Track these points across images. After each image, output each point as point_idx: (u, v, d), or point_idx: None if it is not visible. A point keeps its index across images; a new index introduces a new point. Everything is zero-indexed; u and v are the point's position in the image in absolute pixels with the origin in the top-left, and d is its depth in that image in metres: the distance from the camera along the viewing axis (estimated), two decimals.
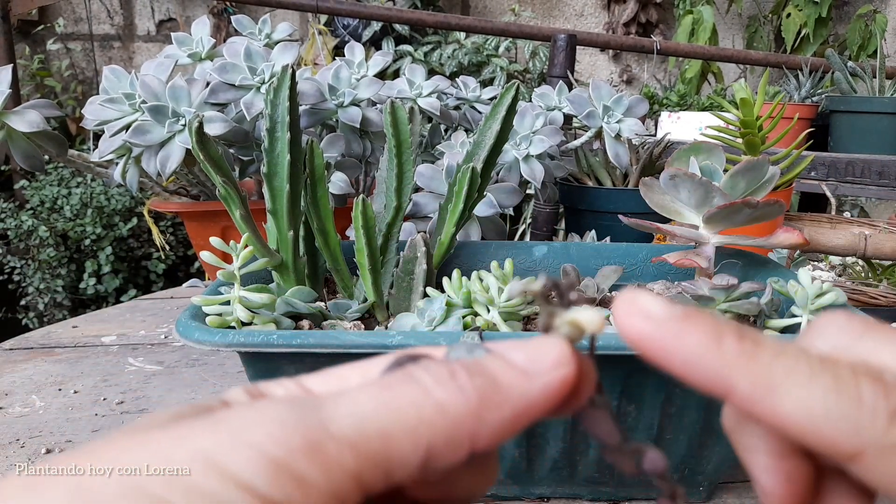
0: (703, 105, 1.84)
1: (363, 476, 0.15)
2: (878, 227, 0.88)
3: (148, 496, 0.14)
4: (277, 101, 0.54)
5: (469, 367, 0.17)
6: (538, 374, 0.17)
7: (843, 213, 1.97)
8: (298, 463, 0.15)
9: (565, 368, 0.17)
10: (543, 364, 0.17)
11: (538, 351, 0.17)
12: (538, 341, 0.17)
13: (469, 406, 0.16)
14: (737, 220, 0.54)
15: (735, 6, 2.84)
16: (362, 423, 0.16)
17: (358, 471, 0.15)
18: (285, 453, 0.15)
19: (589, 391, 0.18)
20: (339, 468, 0.15)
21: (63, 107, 2.69)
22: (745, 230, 0.57)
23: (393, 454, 0.16)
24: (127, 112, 0.73)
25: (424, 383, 0.16)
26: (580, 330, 0.17)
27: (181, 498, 0.14)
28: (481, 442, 0.16)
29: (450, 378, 0.16)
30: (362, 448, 0.15)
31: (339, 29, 2.68)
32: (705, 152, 0.57)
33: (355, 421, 0.16)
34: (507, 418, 0.16)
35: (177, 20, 2.90)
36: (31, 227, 1.99)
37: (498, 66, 2.65)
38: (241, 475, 0.14)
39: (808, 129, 0.95)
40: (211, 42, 0.82)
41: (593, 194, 0.91)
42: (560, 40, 1.43)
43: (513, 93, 0.60)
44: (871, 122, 1.41)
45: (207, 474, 0.15)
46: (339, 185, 0.78)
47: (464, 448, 0.16)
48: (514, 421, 0.16)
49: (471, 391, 0.16)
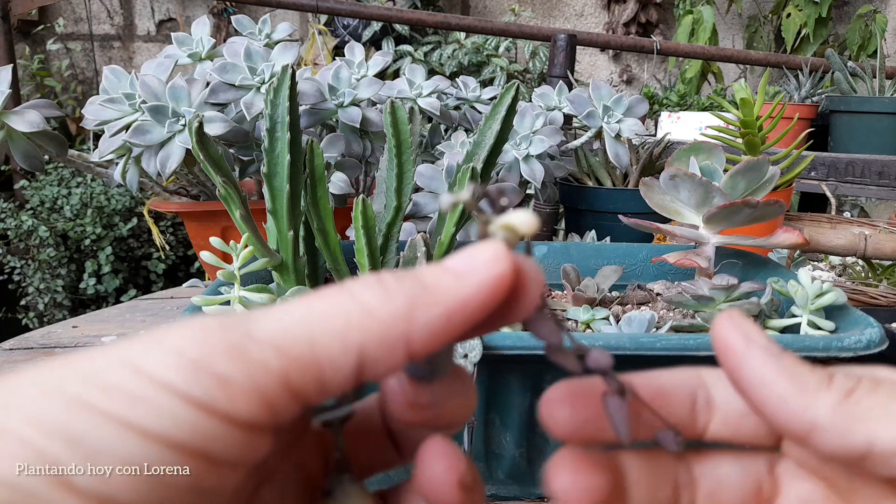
0: (703, 105, 1.84)
1: (291, 378, 0.15)
2: (878, 227, 0.88)
3: (64, 395, 0.14)
4: (277, 101, 0.54)
5: (399, 274, 0.17)
6: (471, 273, 0.16)
7: (843, 213, 1.97)
8: (219, 363, 0.15)
9: (500, 266, 0.16)
10: (476, 263, 0.16)
11: (472, 253, 0.17)
12: (473, 246, 0.17)
13: (397, 307, 0.16)
14: (737, 220, 0.54)
15: (735, 6, 2.84)
16: (287, 328, 0.16)
17: (284, 372, 0.15)
18: (205, 354, 0.15)
19: (534, 297, 0.17)
20: (263, 369, 0.15)
21: (63, 107, 2.69)
22: (745, 230, 0.57)
23: (321, 357, 0.15)
24: (127, 112, 0.73)
25: (352, 290, 0.16)
26: (515, 232, 0.17)
27: (99, 395, 0.14)
28: (416, 343, 0.16)
29: (377, 284, 0.16)
30: (287, 349, 0.15)
31: (339, 29, 2.68)
32: (705, 152, 0.57)
33: (280, 325, 0.16)
34: (439, 317, 0.16)
35: (177, 20, 2.90)
36: (31, 227, 1.99)
37: (498, 66, 2.65)
38: (158, 373, 0.14)
39: (808, 130, 0.95)
40: (211, 42, 0.82)
41: (593, 194, 0.91)
42: (560, 40, 1.43)
43: (513, 93, 0.60)
44: (871, 122, 1.41)
45: (124, 373, 0.15)
46: (339, 185, 0.78)
47: (398, 350, 0.16)
48: (448, 320, 0.16)
49: (398, 293, 0.16)
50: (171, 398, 0.14)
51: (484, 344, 0.41)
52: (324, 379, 0.16)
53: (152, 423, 0.14)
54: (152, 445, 0.14)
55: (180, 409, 0.14)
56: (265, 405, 0.15)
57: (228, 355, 0.15)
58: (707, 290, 0.50)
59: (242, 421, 0.15)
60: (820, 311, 0.49)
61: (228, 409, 0.15)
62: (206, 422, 0.14)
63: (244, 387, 0.15)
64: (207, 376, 0.15)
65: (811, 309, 0.48)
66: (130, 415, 0.14)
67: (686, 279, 0.61)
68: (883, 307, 0.78)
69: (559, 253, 0.65)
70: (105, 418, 0.14)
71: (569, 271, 0.60)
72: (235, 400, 0.15)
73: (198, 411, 0.14)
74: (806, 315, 0.49)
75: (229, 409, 0.15)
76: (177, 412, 0.14)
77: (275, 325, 0.16)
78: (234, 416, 0.15)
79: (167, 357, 0.15)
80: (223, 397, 0.15)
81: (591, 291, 0.58)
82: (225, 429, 0.15)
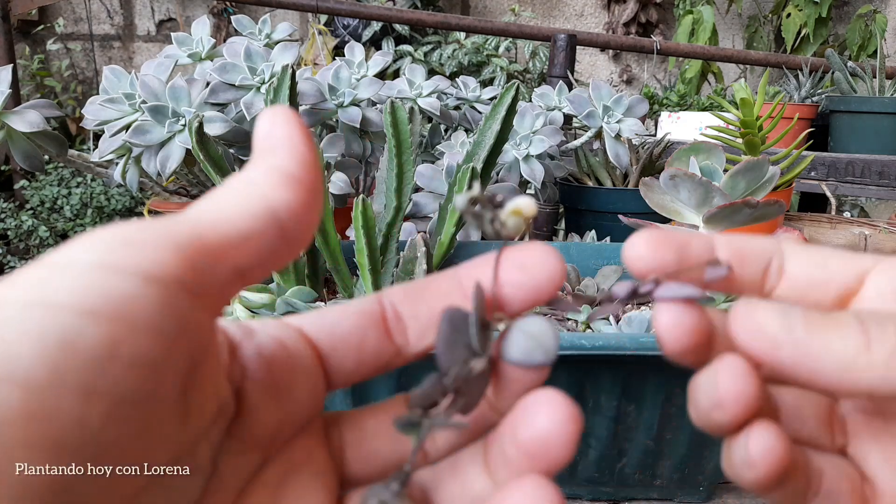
0: (703, 105, 1.84)
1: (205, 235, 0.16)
2: (878, 228, 0.88)
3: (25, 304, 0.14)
4: (277, 100, 0.54)
5: None
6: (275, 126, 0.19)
7: (843, 213, 1.97)
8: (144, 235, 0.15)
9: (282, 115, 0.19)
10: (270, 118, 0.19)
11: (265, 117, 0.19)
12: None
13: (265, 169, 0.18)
14: (737, 220, 0.54)
15: (735, 6, 2.84)
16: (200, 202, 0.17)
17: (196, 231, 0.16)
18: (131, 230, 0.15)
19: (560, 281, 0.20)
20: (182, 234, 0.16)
21: (63, 107, 2.69)
22: (745, 230, 0.57)
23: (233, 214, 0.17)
24: (127, 112, 0.73)
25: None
26: (522, 215, 0.19)
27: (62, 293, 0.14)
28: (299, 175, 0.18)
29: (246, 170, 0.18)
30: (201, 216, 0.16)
31: (339, 29, 2.68)
32: (705, 152, 0.57)
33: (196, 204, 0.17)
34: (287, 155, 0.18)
35: (177, 20, 2.91)
36: (31, 228, 1.99)
37: (498, 66, 2.66)
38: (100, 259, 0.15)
39: (808, 129, 0.95)
40: (211, 42, 0.82)
41: (593, 194, 0.91)
42: (560, 40, 1.43)
43: (513, 93, 0.60)
44: (872, 122, 1.41)
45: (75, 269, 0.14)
46: (339, 185, 0.78)
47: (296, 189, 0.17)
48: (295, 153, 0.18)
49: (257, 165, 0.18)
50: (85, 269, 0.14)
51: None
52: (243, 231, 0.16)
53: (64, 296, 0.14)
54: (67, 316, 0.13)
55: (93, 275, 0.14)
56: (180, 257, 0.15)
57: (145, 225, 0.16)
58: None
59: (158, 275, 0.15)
60: None
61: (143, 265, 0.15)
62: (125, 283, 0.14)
63: (157, 243, 0.15)
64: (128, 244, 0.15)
65: None
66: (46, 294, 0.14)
67: None
68: None
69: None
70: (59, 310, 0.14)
71: (569, 271, 0.60)
72: (149, 258, 0.15)
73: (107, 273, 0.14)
74: None
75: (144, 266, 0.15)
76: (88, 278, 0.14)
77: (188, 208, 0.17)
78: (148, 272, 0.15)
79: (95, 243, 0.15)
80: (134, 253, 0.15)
81: (592, 291, 0.58)
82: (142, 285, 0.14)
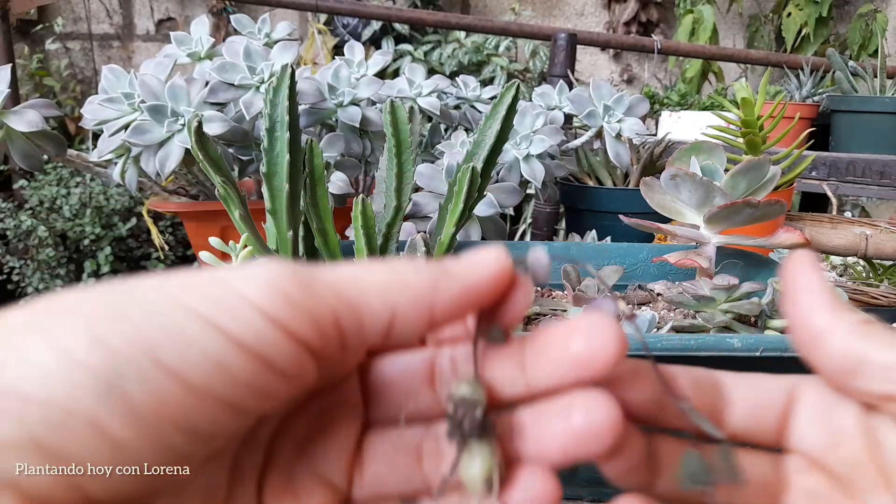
0: (704, 105, 1.84)
1: (339, 315, 0.19)
2: (879, 227, 0.88)
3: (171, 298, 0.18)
4: (277, 100, 0.53)
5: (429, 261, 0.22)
6: (480, 263, 0.21)
7: (844, 212, 1.97)
8: (289, 288, 0.19)
9: (501, 262, 0.21)
10: (484, 258, 0.21)
11: (480, 252, 0.21)
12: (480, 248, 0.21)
13: (426, 279, 0.20)
14: (738, 220, 0.54)
15: (736, 5, 2.84)
16: (343, 279, 0.20)
17: (335, 308, 0.19)
18: (280, 280, 0.19)
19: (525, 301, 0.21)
20: (321, 299, 0.19)
21: (62, 106, 2.69)
22: (745, 230, 0.56)
23: (363, 305, 0.19)
24: (126, 112, 0.72)
25: (392, 264, 0.21)
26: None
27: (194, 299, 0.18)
28: (439, 310, 0.20)
29: (412, 262, 0.21)
30: (341, 292, 0.19)
31: (339, 28, 2.68)
32: (706, 152, 0.56)
33: (338, 276, 0.20)
34: (456, 291, 0.20)
35: (176, 19, 2.90)
36: (29, 227, 1.99)
37: (498, 65, 2.65)
38: (241, 288, 0.18)
39: (809, 129, 0.95)
40: (210, 41, 0.82)
41: (594, 194, 0.91)
42: (560, 39, 1.42)
43: (513, 92, 0.59)
44: (873, 121, 1.41)
45: (218, 285, 0.18)
46: (339, 184, 0.77)
47: (424, 313, 0.20)
48: (462, 295, 0.20)
49: (427, 270, 0.20)
50: (248, 308, 0.18)
51: None
52: (363, 323, 0.19)
53: (229, 324, 0.18)
54: (226, 343, 0.18)
55: (253, 316, 0.18)
56: (317, 328, 0.19)
57: (298, 285, 0.19)
58: (708, 290, 0.50)
59: (297, 336, 0.18)
60: None
61: (289, 323, 0.18)
62: (270, 330, 0.18)
63: (305, 307, 0.19)
64: (279, 295, 0.18)
65: None
66: (216, 316, 0.18)
67: (687, 279, 0.60)
68: (884, 307, 0.78)
69: (559, 253, 0.65)
70: (197, 317, 0.18)
71: (569, 271, 0.60)
72: (296, 317, 0.18)
73: (266, 321, 0.18)
74: None
75: (290, 323, 0.18)
76: (249, 318, 0.18)
77: (334, 276, 0.20)
78: (292, 330, 0.18)
79: (249, 278, 0.19)
80: (288, 313, 0.18)
81: (592, 291, 0.58)
82: (283, 339, 0.18)
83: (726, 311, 0.50)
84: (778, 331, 0.51)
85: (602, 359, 0.20)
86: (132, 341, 0.17)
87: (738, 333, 0.47)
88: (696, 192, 0.53)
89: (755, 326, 0.51)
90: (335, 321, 0.19)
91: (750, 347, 0.41)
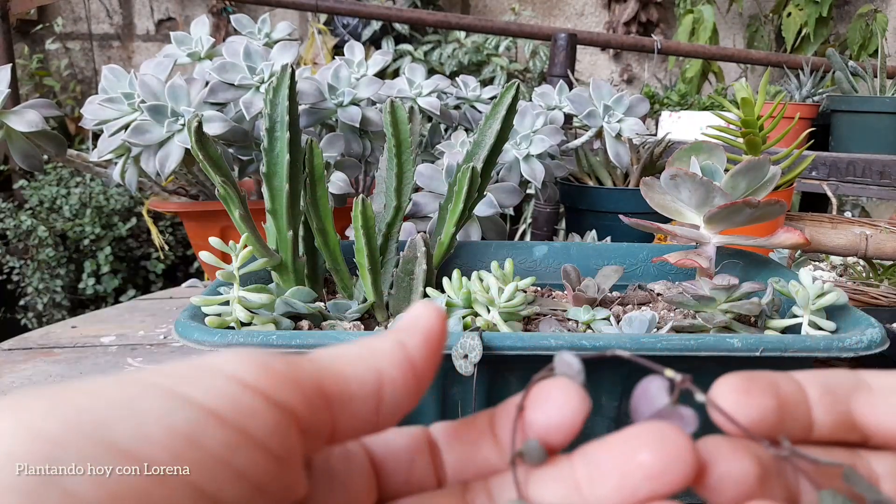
0: (704, 105, 1.84)
1: (324, 381, 0.18)
2: (879, 227, 0.88)
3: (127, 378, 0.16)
4: (277, 100, 0.53)
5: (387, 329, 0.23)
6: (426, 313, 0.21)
7: (844, 212, 1.97)
8: (269, 359, 0.18)
9: (435, 308, 0.21)
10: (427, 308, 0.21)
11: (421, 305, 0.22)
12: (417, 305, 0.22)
13: (394, 340, 0.20)
14: (738, 220, 0.54)
15: (736, 5, 2.84)
16: (323, 353, 0.20)
17: (318, 375, 0.18)
18: (257, 354, 0.18)
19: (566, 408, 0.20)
20: (303, 368, 0.18)
21: (62, 106, 2.69)
22: (745, 230, 0.56)
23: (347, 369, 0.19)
24: (126, 112, 0.72)
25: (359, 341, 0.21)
26: None
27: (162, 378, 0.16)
28: (417, 361, 0.20)
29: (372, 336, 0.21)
30: (321, 363, 0.19)
31: (339, 28, 2.68)
32: (706, 152, 0.56)
33: (318, 353, 0.20)
34: (421, 339, 0.20)
35: (176, 19, 2.90)
36: (29, 227, 1.99)
37: (498, 65, 2.65)
38: (215, 362, 0.17)
39: (809, 129, 0.95)
40: (210, 41, 0.82)
41: (594, 194, 0.91)
42: (560, 39, 1.42)
43: (513, 92, 0.59)
44: (873, 121, 1.41)
45: (187, 365, 0.17)
46: (339, 184, 0.77)
47: (406, 366, 0.20)
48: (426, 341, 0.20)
49: (390, 334, 0.21)
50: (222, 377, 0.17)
51: (484, 344, 0.41)
52: (351, 391, 0.19)
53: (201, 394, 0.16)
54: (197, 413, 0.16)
55: (227, 384, 0.17)
56: (300, 394, 0.18)
57: (277, 358, 0.18)
58: (708, 290, 0.50)
59: (280, 402, 0.17)
60: (821, 312, 0.49)
61: (270, 389, 0.17)
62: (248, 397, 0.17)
63: (286, 375, 0.18)
64: (257, 364, 0.17)
65: (812, 309, 0.48)
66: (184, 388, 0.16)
67: (687, 279, 0.60)
68: (884, 307, 0.78)
69: (559, 253, 0.65)
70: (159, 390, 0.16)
71: (569, 271, 0.60)
72: (277, 383, 0.17)
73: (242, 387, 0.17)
74: (807, 315, 0.49)
75: (271, 390, 0.17)
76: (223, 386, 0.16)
77: (315, 353, 0.20)
78: (273, 396, 0.17)
79: (223, 356, 0.18)
80: (268, 380, 0.17)
81: (592, 291, 0.58)
82: (263, 406, 0.17)
83: (726, 311, 0.50)
84: (778, 331, 0.51)
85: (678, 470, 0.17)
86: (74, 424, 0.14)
87: (738, 333, 0.47)
88: (696, 192, 0.53)
89: (755, 326, 0.51)
90: (319, 387, 0.18)
91: (750, 347, 0.41)
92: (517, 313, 0.51)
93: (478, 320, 0.50)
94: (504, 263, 0.53)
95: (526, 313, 0.52)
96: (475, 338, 0.41)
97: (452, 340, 0.41)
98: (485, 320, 0.50)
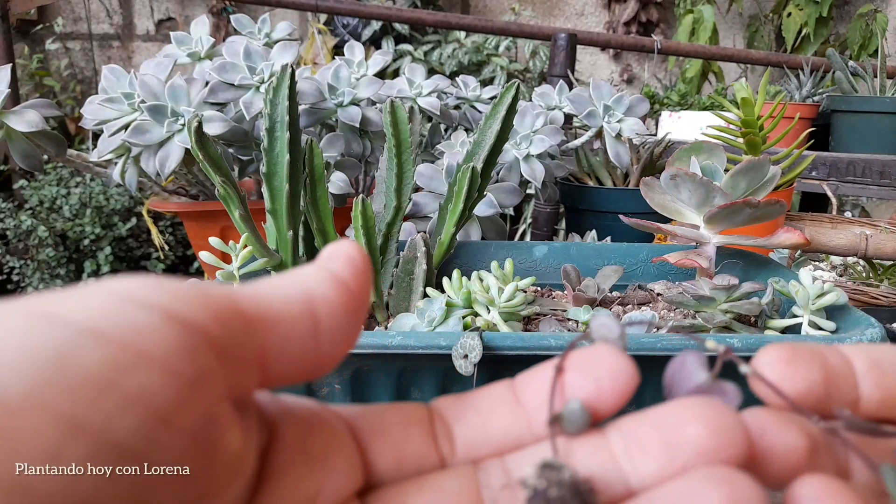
0: (704, 105, 1.84)
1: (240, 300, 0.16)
2: (879, 227, 0.88)
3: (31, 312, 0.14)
4: (277, 100, 0.53)
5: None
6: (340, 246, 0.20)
7: (844, 212, 1.97)
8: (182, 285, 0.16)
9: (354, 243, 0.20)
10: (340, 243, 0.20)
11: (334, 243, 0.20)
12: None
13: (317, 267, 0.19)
14: (738, 220, 0.54)
15: (736, 5, 2.84)
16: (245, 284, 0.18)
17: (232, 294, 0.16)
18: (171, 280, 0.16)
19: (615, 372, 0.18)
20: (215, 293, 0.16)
21: (62, 106, 2.69)
22: (746, 230, 0.56)
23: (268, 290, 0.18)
24: (126, 112, 0.72)
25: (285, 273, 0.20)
26: None
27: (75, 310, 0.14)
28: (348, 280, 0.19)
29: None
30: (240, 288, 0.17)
31: (339, 28, 2.68)
32: (706, 152, 0.56)
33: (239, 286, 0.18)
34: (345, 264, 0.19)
35: (176, 19, 2.90)
36: (29, 227, 1.99)
37: (498, 65, 2.65)
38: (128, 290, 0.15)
39: (809, 129, 0.95)
40: (210, 41, 0.82)
41: (594, 194, 0.91)
42: (560, 39, 1.42)
43: (513, 92, 0.59)
44: (873, 121, 1.41)
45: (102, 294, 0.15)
46: (339, 184, 0.77)
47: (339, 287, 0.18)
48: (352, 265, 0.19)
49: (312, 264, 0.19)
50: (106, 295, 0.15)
51: (484, 344, 0.41)
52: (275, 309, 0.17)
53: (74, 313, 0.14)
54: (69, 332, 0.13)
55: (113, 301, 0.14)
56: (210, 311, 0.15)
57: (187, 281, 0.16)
58: (708, 290, 0.50)
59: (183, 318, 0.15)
60: (821, 312, 0.49)
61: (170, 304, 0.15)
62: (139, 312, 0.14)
63: (191, 292, 0.16)
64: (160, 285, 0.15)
65: (812, 309, 0.48)
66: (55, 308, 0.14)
67: (687, 279, 0.60)
68: (884, 307, 0.78)
69: (559, 253, 0.65)
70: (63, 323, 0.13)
71: (569, 271, 0.60)
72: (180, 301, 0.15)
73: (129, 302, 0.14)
74: (807, 315, 0.49)
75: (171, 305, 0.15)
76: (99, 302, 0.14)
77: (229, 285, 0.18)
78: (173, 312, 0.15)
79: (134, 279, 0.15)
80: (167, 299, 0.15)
81: (592, 291, 0.58)
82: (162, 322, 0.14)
83: (726, 311, 0.50)
84: (778, 331, 0.51)
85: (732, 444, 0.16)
86: None
87: (738, 333, 0.47)
88: (696, 192, 0.52)
89: (755, 326, 0.51)
90: (233, 305, 0.16)
91: (750, 347, 0.41)
92: (517, 313, 0.51)
93: (478, 320, 0.50)
94: (504, 263, 0.53)
95: (526, 313, 0.52)
96: (475, 338, 0.41)
97: (452, 340, 0.41)
98: (485, 320, 0.50)
